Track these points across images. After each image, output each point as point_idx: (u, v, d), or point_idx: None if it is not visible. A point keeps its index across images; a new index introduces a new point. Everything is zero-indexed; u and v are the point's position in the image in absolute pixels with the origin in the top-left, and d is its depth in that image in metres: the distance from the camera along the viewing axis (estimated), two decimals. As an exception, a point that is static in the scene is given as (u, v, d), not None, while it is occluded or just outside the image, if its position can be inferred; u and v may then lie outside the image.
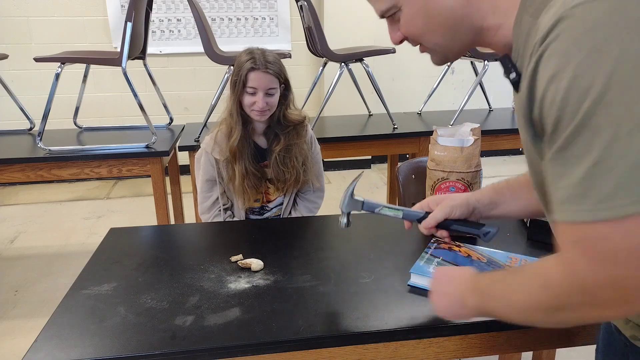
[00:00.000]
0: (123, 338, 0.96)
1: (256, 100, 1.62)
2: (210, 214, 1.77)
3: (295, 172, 1.74)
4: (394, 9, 0.77)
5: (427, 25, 0.75)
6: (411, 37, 0.79)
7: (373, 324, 0.99)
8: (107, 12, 3.98)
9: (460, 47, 0.78)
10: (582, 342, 1.07)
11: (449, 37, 0.76)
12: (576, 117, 0.52)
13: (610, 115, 0.50)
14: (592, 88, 0.50)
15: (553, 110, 0.55)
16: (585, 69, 0.51)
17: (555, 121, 0.55)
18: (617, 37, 0.50)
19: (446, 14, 0.73)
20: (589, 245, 0.57)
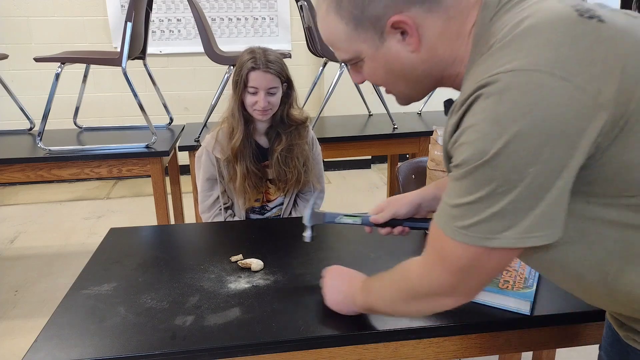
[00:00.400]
0: (123, 338, 0.96)
1: (258, 99, 1.62)
2: (211, 213, 1.77)
3: (296, 172, 1.74)
4: (356, 59, 0.80)
5: (389, 78, 0.80)
6: (374, 84, 0.86)
7: (373, 324, 0.99)
8: (107, 12, 3.98)
9: (423, 93, 0.84)
10: (582, 342, 1.07)
11: (411, 86, 0.81)
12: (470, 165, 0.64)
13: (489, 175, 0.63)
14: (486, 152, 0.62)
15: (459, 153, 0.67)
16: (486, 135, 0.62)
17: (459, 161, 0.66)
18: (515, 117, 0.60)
19: (407, 69, 0.77)
20: (446, 257, 0.73)
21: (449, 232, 0.70)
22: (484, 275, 0.74)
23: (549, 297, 1.06)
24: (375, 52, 0.77)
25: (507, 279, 1.08)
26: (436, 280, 0.77)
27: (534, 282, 1.07)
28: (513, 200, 0.63)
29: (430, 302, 0.82)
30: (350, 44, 0.78)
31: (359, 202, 3.83)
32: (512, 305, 1.02)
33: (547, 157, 0.60)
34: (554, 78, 0.59)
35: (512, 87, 0.61)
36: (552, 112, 0.59)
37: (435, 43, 0.74)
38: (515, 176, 0.61)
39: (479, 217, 0.66)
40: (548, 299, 1.05)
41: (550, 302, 1.04)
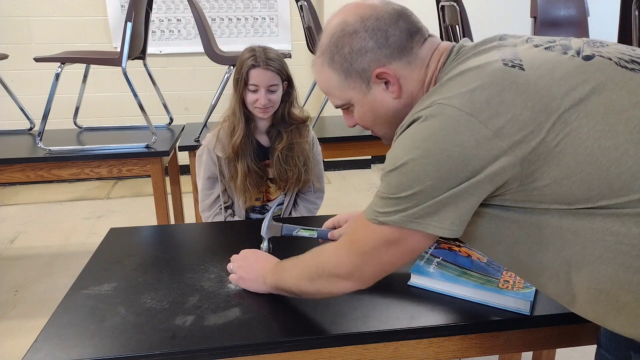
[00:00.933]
0: (123, 338, 0.96)
1: (258, 97, 1.63)
2: (211, 211, 1.77)
3: (297, 170, 1.74)
4: (347, 104, 0.94)
5: (376, 120, 0.94)
6: (363, 127, 0.98)
7: (373, 324, 0.99)
8: (107, 12, 3.98)
9: None
10: (582, 342, 1.07)
11: (395, 128, 0.89)
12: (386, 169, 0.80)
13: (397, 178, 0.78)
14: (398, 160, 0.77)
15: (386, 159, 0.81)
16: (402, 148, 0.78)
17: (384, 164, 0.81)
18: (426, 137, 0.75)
19: (391, 113, 0.91)
20: (355, 240, 0.87)
21: (366, 214, 0.84)
22: (381, 263, 0.85)
23: (549, 297, 1.06)
24: (363, 98, 0.91)
25: (507, 279, 1.08)
26: (341, 261, 0.88)
27: (534, 282, 1.07)
28: (409, 195, 0.77)
29: (331, 283, 0.92)
30: (342, 91, 0.92)
31: (359, 202, 3.83)
32: (512, 305, 1.02)
33: (445, 174, 0.74)
34: (462, 113, 0.73)
35: (431, 116, 0.75)
36: (455, 139, 0.73)
37: (414, 90, 0.89)
38: (415, 184, 0.76)
39: (388, 209, 0.79)
40: (548, 299, 1.05)
41: (550, 302, 1.04)
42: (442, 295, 1.08)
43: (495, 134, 0.71)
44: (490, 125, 0.72)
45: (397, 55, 0.86)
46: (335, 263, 0.89)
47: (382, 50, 0.86)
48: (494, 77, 0.75)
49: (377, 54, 0.86)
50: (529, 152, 0.71)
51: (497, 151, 0.72)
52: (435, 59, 0.88)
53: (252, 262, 1.14)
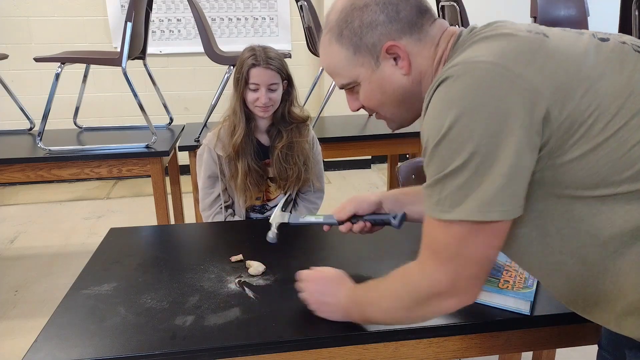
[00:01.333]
0: (123, 338, 0.96)
1: (259, 96, 1.63)
2: (211, 211, 1.77)
3: (296, 169, 1.75)
4: (353, 83, 0.90)
5: (383, 99, 0.90)
6: (369, 108, 0.93)
7: (373, 324, 0.99)
8: (107, 12, 3.98)
9: (413, 117, 0.93)
10: (582, 342, 1.07)
11: (403, 108, 0.91)
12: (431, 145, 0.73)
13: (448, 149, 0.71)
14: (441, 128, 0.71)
15: (423, 137, 0.75)
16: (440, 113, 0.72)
17: (424, 144, 0.75)
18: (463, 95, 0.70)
19: (399, 91, 0.87)
20: (435, 247, 0.77)
21: (429, 211, 0.76)
22: (473, 260, 0.76)
23: (549, 297, 1.06)
24: (371, 75, 0.87)
25: (507, 279, 1.08)
26: (434, 277, 0.79)
27: (534, 282, 1.07)
28: (470, 172, 0.70)
29: (432, 305, 0.81)
30: (349, 68, 0.88)
31: (359, 202, 3.82)
32: (512, 305, 1.02)
33: (490, 129, 0.68)
34: (497, 67, 0.70)
35: (462, 73, 0.71)
36: (494, 92, 0.68)
37: (423, 67, 0.86)
38: (466, 150, 0.69)
39: (448, 191, 0.72)
40: (548, 299, 1.05)
41: (550, 302, 1.04)
42: (442, 295, 1.08)
43: (534, 90, 0.68)
44: (528, 79, 0.69)
45: (407, 30, 0.84)
46: (430, 282, 0.80)
47: (392, 24, 0.83)
48: (522, 40, 0.73)
49: (387, 28, 0.83)
50: (564, 117, 0.69)
51: (539, 107, 0.68)
52: (446, 39, 0.85)
53: (326, 287, 1.02)
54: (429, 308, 0.82)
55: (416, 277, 0.82)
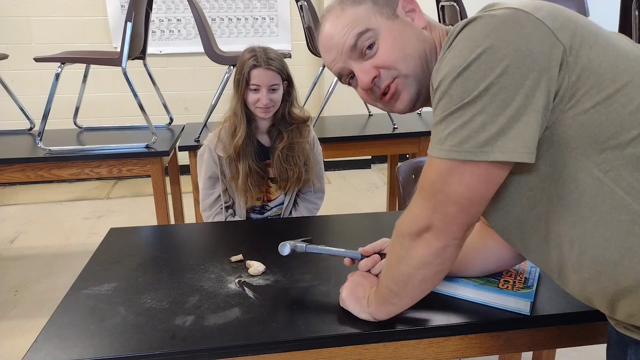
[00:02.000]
0: (123, 338, 0.96)
1: (260, 97, 1.63)
2: (212, 211, 1.77)
3: (297, 169, 1.75)
4: (371, 33, 0.85)
5: (406, 50, 0.85)
6: (388, 67, 0.86)
7: (373, 324, 0.99)
8: (107, 12, 3.98)
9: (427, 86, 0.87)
10: (582, 342, 1.07)
11: (423, 66, 0.86)
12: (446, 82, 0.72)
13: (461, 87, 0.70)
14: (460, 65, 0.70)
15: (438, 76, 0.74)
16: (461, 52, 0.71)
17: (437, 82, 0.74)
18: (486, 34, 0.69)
19: (419, 43, 0.85)
20: (424, 185, 0.78)
21: (429, 151, 0.76)
22: (455, 199, 0.75)
23: (549, 297, 1.06)
24: (392, 23, 0.85)
25: (507, 279, 1.08)
26: (415, 212, 0.80)
27: (534, 282, 1.07)
28: (479, 108, 0.69)
29: (419, 246, 0.81)
30: (369, 19, 0.85)
31: (359, 202, 3.83)
32: (512, 305, 1.02)
33: (510, 69, 0.67)
34: (520, 11, 0.70)
35: (485, 16, 0.71)
36: (518, 32, 0.68)
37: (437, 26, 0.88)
38: (483, 85, 0.68)
39: (450, 128, 0.71)
40: (548, 299, 1.05)
41: (550, 302, 1.04)
42: (442, 295, 1.08)
43: (554, 33, 0.69)
44: (549, 24, 0.69)
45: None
46: (412, 218, 0.81)
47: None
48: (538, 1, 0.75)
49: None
50: (577, 65, 0.69)
51: (557, 51, 0.69)
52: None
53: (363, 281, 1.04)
54: (417, 249, 0.82)
55: (403, 217, 0.84)
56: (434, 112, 0.75)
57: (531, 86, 0.68)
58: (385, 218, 1.66)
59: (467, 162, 0.71)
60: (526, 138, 0.69)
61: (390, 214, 2.47)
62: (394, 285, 0.90)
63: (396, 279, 0.89)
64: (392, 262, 0.89)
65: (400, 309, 0.96)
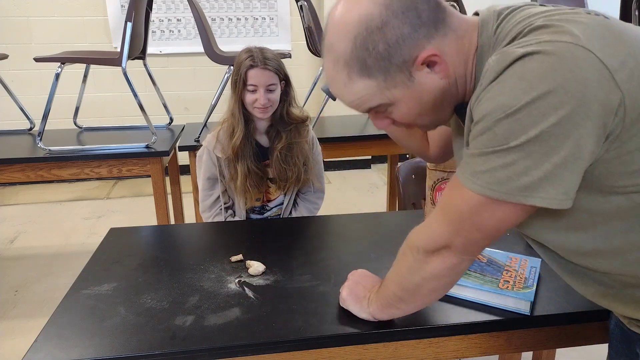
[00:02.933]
0: (123, 338, 0.96)
1: (257, 97, 1.63)
2: (211, 212, 1.77)
3: (296, 170, 1.75)
4: (384, 106, 0.81)
5: (421, 110, 0.82)
6: (405, 124, 0.86)
7: (373, 324, 0.99)
8: (107, 12, 3.98)
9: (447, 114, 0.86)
10: (582, 342, 1.07)
11: (439, 111, 0.83)
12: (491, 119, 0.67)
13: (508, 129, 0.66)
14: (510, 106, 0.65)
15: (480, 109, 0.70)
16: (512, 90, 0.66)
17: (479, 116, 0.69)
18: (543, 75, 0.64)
19: (438, 97, 0.80)
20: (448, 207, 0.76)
21: (462, 179, 0.73)
22: (482, 229, 0.74)
23: (549, 297, 1.06)
24: (407, 92, 0.78)
25: (507, 279, 1.08)
26: (436, 231, 0.78)
27: (534, 282, 1.07)
28: (526, 154, 0.65)
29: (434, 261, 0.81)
30: (380, 94, 0.79)
31: (359, 202, 3.83)
32: (512, 305, 1.02)
33: (565, 117, 0.63)
34: (578, 47, 0.64)
35: (539, 51, 0.64)
36: (576, 76, 0.62)
37: (455, 62, 0.78)
38: (533, 131, 0.64)
39: (490, 166, 0.68)
40: (548, 299, 1.05)
41: (550, 302, 1.04)
42: (442, 295, 1.08)
43: (613, 76, 0.64)
44: (608, 63, 0.64)
45: (433, 31, 0.75)
46: (429, 234, 0.80)
47: (419, 31, 0.74)
48: (592, 20, 0.68)
49: (415, 38, 0.74)
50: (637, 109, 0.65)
51: (615, 98, 0.64)
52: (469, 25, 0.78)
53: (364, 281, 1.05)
54: (431, 264, 0.82)
55: (419, 232, 0.83)
56: (471, 140, 0.72)
57: (583, 135, 0.64)
58: (385, 218, 1.67)
59: (502, 201, 0.69)
60: (568, 186, 0.66)
61: (390, 214, 2.47)
62: (402, 292, 0.91)
63: (405, 287, 0.89)
64: (402, 271, 0.88)
65: (403, 313, 0.96)
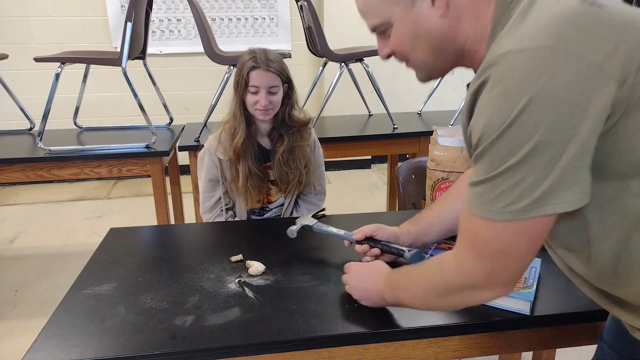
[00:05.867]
0: (123, 338, 0.96)
1: (259, 98, 1.63)
2: (212, 213, 1.77)
3: (298, 173, 1.74)
4: (386, 25, 0.84)
5: (415, 43, 0.83)
6: (399, 53, 0.86)
7: (373, 324, 0.99)
8: (107, 12, 3.98)
9: (443, 67, 0.86)
10: (582, 342, 1.07)
11: (435, 56, 0.84)
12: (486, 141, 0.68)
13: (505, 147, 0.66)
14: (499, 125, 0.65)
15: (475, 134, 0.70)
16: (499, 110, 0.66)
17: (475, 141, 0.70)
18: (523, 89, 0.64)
19: (433, 34, 0.81)
20: (476, 242, 0.74)
21: (474, 210, 0.72)
22: (518, 257, 0.73)
23: (549, 297, 1.06)
24: (405, 14, 0.81)
25: (507, 279, 1.08)
26: (471, 270, 0.77)
27: (534, 282, 1.07)
28: (530, 168, 0.65)
29: (466, 296, 0.81)
30: (383, 6, 0.82)
31: (359, 202, 3.83)
32: (512, 305, 1.02)
33: (556, 123, 0.63)
34: (555, 51, 0.63)
35: (518, 63, 0.65)
36: (557, 82, 0.62)
37: (461, 12, 0.78)
38: (529, 144, 0.64)
39: (500, 190, 0.68)
40: (548, 299, 1.05)
41: (550, 302, 1.04)
42: (442, 295, 1.08)
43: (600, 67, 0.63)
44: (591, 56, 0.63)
45: None
46: (466, 274, 0.78)
47: None
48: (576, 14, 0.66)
49: None
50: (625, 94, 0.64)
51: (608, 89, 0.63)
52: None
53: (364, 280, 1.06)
54: (462, 298, 0.82)
55: (453, 269, 0.81)
56: (474, 167, 0.72)
57: (583, 133, 0.63)
58: (385, 218, 1.66)
59: (523, 220, 0.68)
60: (581, 183, 0.66)
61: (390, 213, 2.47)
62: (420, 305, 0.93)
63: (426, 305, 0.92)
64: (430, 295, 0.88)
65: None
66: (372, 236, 1.20)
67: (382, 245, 1.19)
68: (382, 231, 1.20)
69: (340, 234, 1.27)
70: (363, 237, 1.20)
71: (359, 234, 1.21)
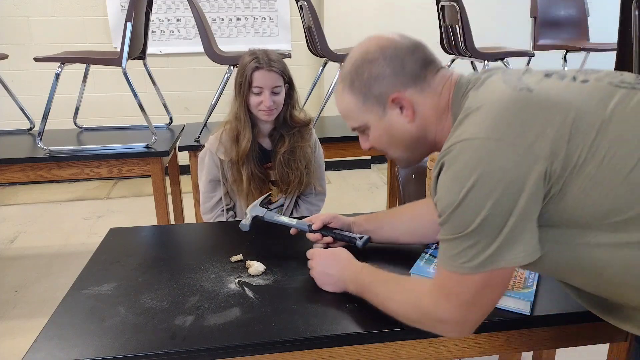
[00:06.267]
0: (123, 338, 0.96)
1: (263, 99, 1.62)
2: (213, 214, 1.77)
3: (298, 173, 1.74)
4: (363, 127, 1.00)
5: (391, 142, 1.00)
6: (379, 149, 1.02)
7: (373, 324, 0.99)
8: (107, 12, 3.98)
9: (420, 156, 1.03)
10: (582, 342, 1.07)
11: (410, 151, 1.01)
12: (445, 214, 0.82)
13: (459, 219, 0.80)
14: (452, 203, 0.80)
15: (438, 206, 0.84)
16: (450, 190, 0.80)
17: (439, 211, 0.84)
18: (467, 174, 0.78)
19: (405, 136, 0.97)
20: (449, 293, 0.85)
21: (441, 263, 0.85)
22: (481, 308, 0.85)
23: (549, 297, 1.06)
24: (379, 121, 0.97)
25: (507, 279, 1.08)
26: (444, 314, 0.87)
27: (534, 282, 1.07)
28: (481, 234, 0.78)
29: (434, 327, 0.90)
30: (359, 114, 0.98)
31: (358, 202, 3.83)
32: (512, 305, 1.02)
33: (499, 199, 0.76)
34: (490, 141, 0.77)
35: (462, 152, 0.79)
36: (494, 166, 0.76)
37: (427, 115, 0.95)
38: (478, 218, 0.78)
39: (459, 249, 0.81)
40: (548, 299, 1.05)
41: (550, 302, 1.04)
42: (442, 295, 1.08)
43: (530, 153, 0.75)
44: (520, 141, 0.76)
45: (412, 82, 0.93)
46: (438, 314, 0.88)
47: (398, 77, 0.93)
48: (508, 103, 0.80)
49: (393, 81, 0.93)
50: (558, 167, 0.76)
51: (539, 166, 0.75)
52: (447, 88, 0.94)
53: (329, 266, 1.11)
54: (429, 327, 0.90)
55: (427, 304, 0.89)
56: (441, 226, 0.84)
57: (522, 205, 0.76)
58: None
59: (479, 273, 0.81)
60: (525, 242, 0.79)
61: (390, 214, 2.46)
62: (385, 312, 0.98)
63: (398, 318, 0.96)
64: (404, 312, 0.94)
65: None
66: (327, 224, 1.27)
67: (335, 233, 1.25)
68: (336, 220, 1.28)
69: (293, 224, 1.30)
70: (321, 226, 1.26)
71: (318, 223, 1.26)
